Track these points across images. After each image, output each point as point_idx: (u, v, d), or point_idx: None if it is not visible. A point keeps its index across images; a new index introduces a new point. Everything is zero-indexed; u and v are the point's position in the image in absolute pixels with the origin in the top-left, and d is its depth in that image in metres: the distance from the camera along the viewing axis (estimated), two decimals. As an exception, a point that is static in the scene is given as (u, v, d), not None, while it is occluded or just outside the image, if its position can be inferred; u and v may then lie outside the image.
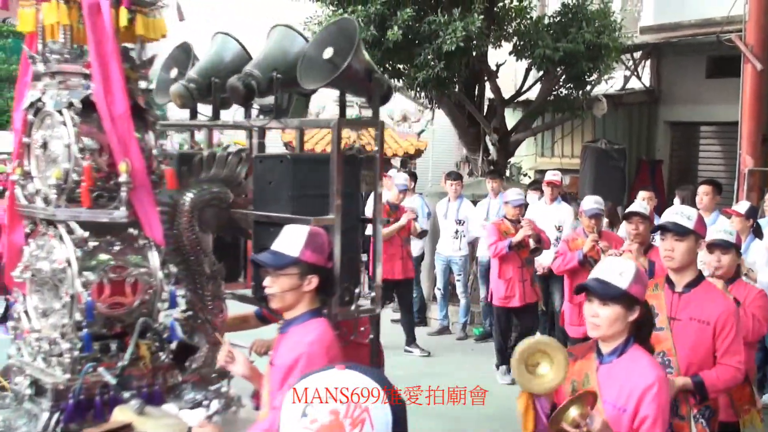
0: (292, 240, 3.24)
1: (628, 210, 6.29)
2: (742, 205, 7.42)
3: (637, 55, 13.42)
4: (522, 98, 12.18)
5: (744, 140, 9.71)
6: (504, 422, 6.47)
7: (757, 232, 7.20)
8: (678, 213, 3.95)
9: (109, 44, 3.37)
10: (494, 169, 10.71)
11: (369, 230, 13.37)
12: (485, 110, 11.87)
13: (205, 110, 4.46)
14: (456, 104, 11.50)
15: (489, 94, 11.81)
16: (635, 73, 13.63)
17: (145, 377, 3.49)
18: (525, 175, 14.36)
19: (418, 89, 10.61)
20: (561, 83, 11.25)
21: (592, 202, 7.18)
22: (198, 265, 3.78)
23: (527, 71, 11.58)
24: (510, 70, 13.33)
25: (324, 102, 15.88)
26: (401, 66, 10.51)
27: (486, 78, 11.47)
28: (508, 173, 12.52)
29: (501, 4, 10.77)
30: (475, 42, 9.82)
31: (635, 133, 13.89)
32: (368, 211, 13.45)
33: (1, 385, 3.56)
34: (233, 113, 4.64)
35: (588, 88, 11.24)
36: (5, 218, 3.87)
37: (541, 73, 11.29)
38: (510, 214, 8.21)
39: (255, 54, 4.26)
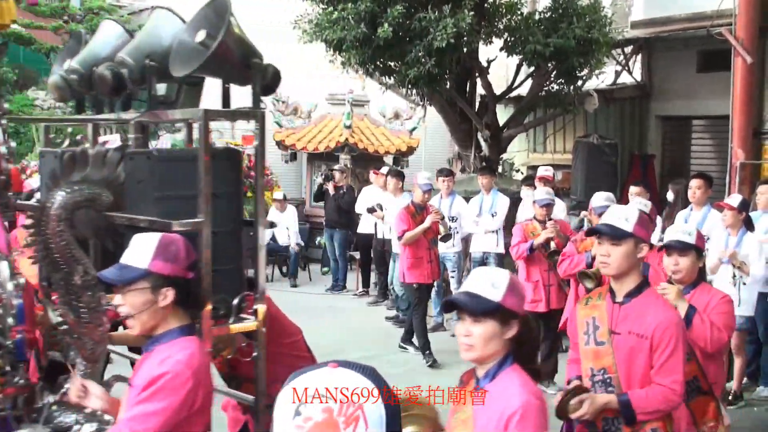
0: (139, 250, 2.90)
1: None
2: (735, 198, 7.43)
3: (628, 49, 13.44)
4: (513, 94, 12.19)
5: (735, 134, 9.75)
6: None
7: (749, 225, 7.22)
8: (617, 215, 3.58)
9: None
10: (486, 165, 10.71)
11: (363, 228, 13.37)
12: (477, 106, 11.88)
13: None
14: (447, 101, 11.51)
15: (480, 90, 11.82)
16: (626, 68, 13.65)
17: None
18: (517, 171, 14.37)
19: (410, 86, 10.62)
20: (552, 79, 11.27)
21: (602, 199, 6.53)
22: (70, 275, 3.36)
23: (518, 67, 11.59)
24: (501, 66, 13.35)
25: (316, 100, 15.91)
26: (392, 63, 10.51)
27: (477, 74, 11.48)
28: (500, 169, 12.53)
29: (491, 0, 10.78)
30: (465, 38, 9.83)
31: (627, 128, 13.93)
32: (359, 208, 13.52)
33: None
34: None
35: (579, 83, 11.26)
36: None
37: (532, 68, 11.31)
38: (538, 214, 7.73)
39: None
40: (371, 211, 11.27)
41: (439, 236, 8.98)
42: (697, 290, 4.30)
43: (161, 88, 3.79)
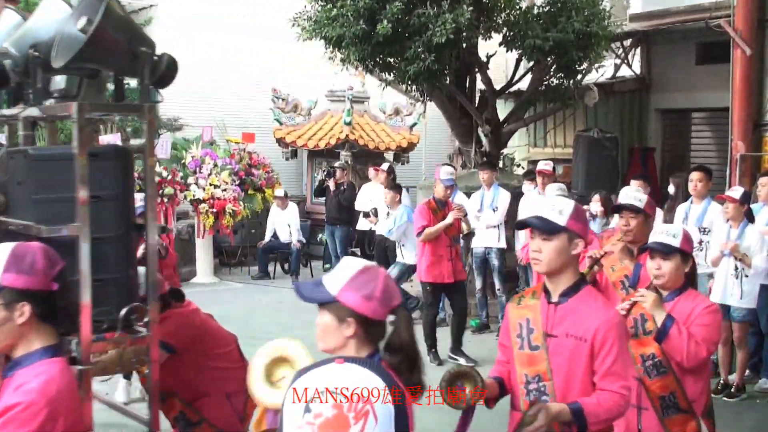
0: None
1: (618, 202, 5.28)
2: (737, 191, 7.43)
3: (627, 43, 13.44)
4: (513, 89, 12.18)
5: (735, 126, 9.75)
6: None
7: (750, 217, 7.23)
8: (550, 207, 3.23)
9: None
10: (487, 160, 10.71)
11: (362, 225, 13.38)
12: (477, 102, 11.87)
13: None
14: (447, 96, 11.49)
15: (480, 85, 11.81)
16: (625, 61, 13.65)
17: None
18: (518, 165, 14.38)
19: (409, 82, 10.60)
20: (551, 73, 11.25)
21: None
22: None
23: (517, 62, 11.58)
24: (500, 61, 13.34)
25: (315, 96, 15.90)
26: (392, 59, 10.50)
27: (477, 69, 11.46)
28: (501, 164, 12.53)
29: (490, -5, 10.77)
30: (464, 34, 9.81)
31: (627, 121, 13.93)
32: (359, 205, 13.52)
33: None
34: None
35: (579, 77, 11.24)
36: None
37: (532, 63, 11.29)
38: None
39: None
40: (366, 216, 11.27)
41: (461, 235, 8.97)
42: (682, 297, 3.96)
43: (62, 81, 3.52)
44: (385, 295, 2.37)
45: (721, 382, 7.43)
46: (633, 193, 5.04)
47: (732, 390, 7.31)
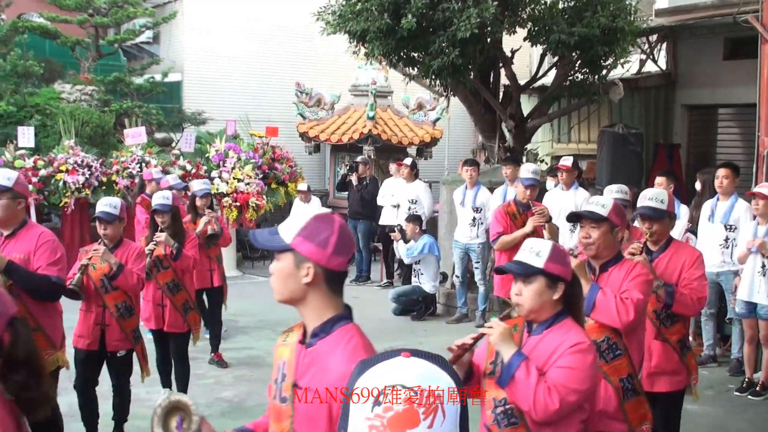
0: None
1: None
2: (766, 187, 7.33)
3: (653, 38, 13.33)
4: (537, 84, 12.13)
5: (762, 122, 9.62)
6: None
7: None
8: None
9: None
10: (510, 155, 10.68)
11: (384, 219, 13.41)
12: (501, 97, 11.83)
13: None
14: (471, 91, 11.47)
15: (504, 80, 11.77)
16: (651, 57, 13.54)
17: None
18: (542, 161, 14.31)
19: (433, 77, 10.59)
20: (576, 68, 11.19)
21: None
22: None
23: (542, 57, 11.53)
24: (525, 56, 13.28)
25: (339, 90, 15.91)
26: (416, 54, 10.50)
27: (501, 64, 11.43)
28: (524, 160, 12.48)
29: (515, -11, 10.72)
30: (489, 28, 9.79)
31: (652, 117, 13.82)
32: (381, 200, 13.57)
33: None
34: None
35: (604, 72, 11.17)
36: None
37: (557, 58, 11.24)
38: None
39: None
40: (391, 230, 11.30)
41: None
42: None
43: None
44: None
45: (746, 380, 7.37)
46: (598, 198, 4.35)
47: (757, 389, 7.24)
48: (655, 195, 4.81)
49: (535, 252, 3.16)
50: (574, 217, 4.27)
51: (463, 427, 1.53)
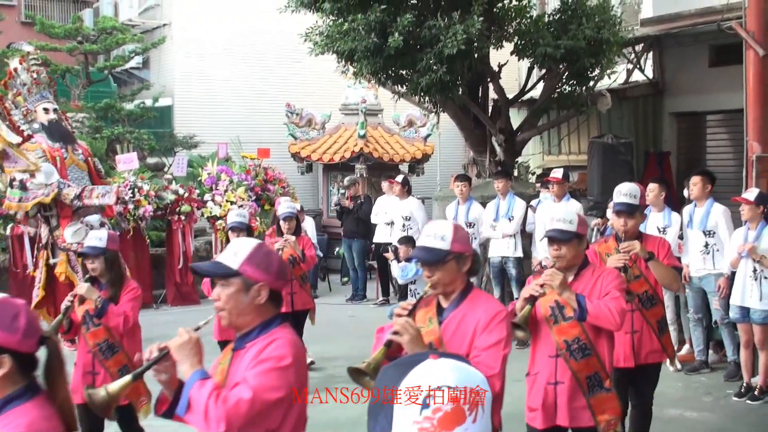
0: None
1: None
2: (752, 192, 7.41)
3: (639, 47, 13.41)
4: (526, 97, 12.19)
5: (750, 127, 9.69)
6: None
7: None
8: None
9: None
10: (501, 169, 10.73)
11: (378, 237, 13.41)
12: (490, 111, 11.89)
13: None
14: (460, 107, 11.53)
15: (493, 95, 11.84)
16: (638, 66, 13.63)
17: None
18: (533, 174, 14.37)
19: (422, 94, 10.64)
20: (564, 80, 11.26)
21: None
22: None
23: (530, 70, 11.60)
24: (513, 70, 13.36)
25: (329, 110, 15.97)
26: (404, 72, 10.55)
27: (489, 79, 11.50)
28: (516, 173, 12.54)
29: (500, 4, 10.80)
30: (476, 44, 9.85)
31: (641, 126, 13.89)
32: (375, 218, 13.57)
33: None
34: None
35: (591, 83, 11.25)
36: None
37: (544, 71, 11.32)
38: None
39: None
40: (385, 251, 11.32)
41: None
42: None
43: None
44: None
45: (744, 385, 7.38)
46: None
47: (755, 392, 7.26)
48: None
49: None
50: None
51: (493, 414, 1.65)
